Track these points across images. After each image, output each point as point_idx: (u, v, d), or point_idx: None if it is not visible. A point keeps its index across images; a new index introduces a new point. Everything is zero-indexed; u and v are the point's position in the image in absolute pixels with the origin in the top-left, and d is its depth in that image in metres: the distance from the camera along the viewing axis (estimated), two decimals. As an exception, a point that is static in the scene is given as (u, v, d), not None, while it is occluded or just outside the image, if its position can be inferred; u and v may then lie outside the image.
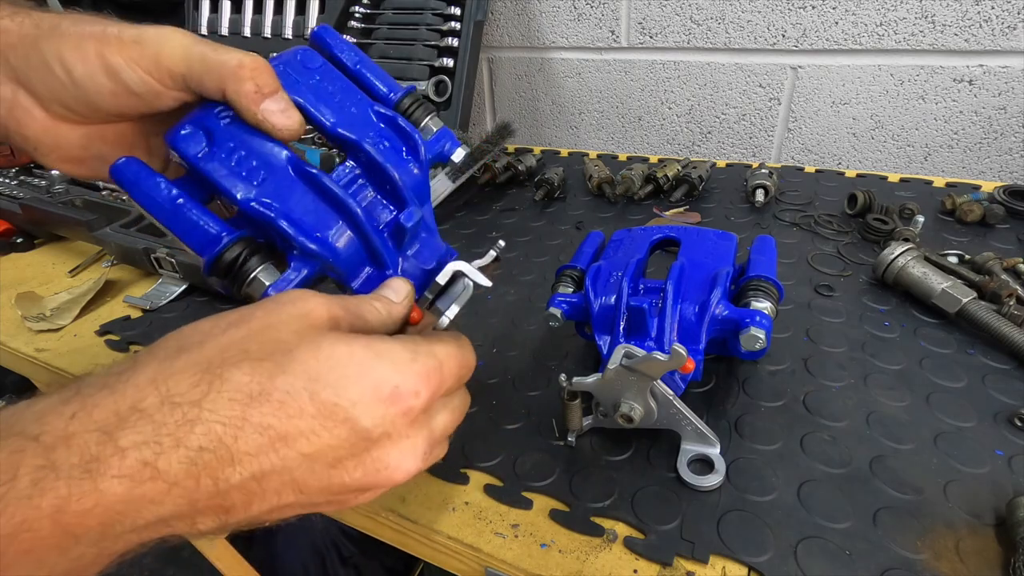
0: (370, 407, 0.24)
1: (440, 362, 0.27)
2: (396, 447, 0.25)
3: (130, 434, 0.21)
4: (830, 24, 0.82)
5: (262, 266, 0.29)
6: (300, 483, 0.24)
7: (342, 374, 0.24)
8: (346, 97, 0.32)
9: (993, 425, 0.42)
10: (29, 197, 0.83)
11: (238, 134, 0.30)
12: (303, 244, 0.29)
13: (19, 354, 0.63)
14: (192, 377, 0.22)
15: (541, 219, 0.80)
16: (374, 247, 0.31)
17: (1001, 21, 0.73)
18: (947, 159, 0.85)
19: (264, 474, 0.22)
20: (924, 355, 0.49)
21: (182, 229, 0.29)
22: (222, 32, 1.17)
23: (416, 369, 0.25)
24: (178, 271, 0.67)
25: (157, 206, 0.29)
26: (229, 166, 0.29)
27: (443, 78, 0.95)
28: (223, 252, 0.29)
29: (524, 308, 0.61)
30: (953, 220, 0.70)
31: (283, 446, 0.23)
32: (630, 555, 0.36)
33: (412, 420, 0.25)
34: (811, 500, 0.38)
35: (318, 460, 0.23)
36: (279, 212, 0.29)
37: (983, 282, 0.54)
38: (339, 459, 0.24)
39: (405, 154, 0.32)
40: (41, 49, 0.29)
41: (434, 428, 0.27)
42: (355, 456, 0.24)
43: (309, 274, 0.30)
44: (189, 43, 0.30)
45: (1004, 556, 0.34)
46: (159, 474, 0.20)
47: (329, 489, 0.24)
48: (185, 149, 0.29)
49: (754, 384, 0.48)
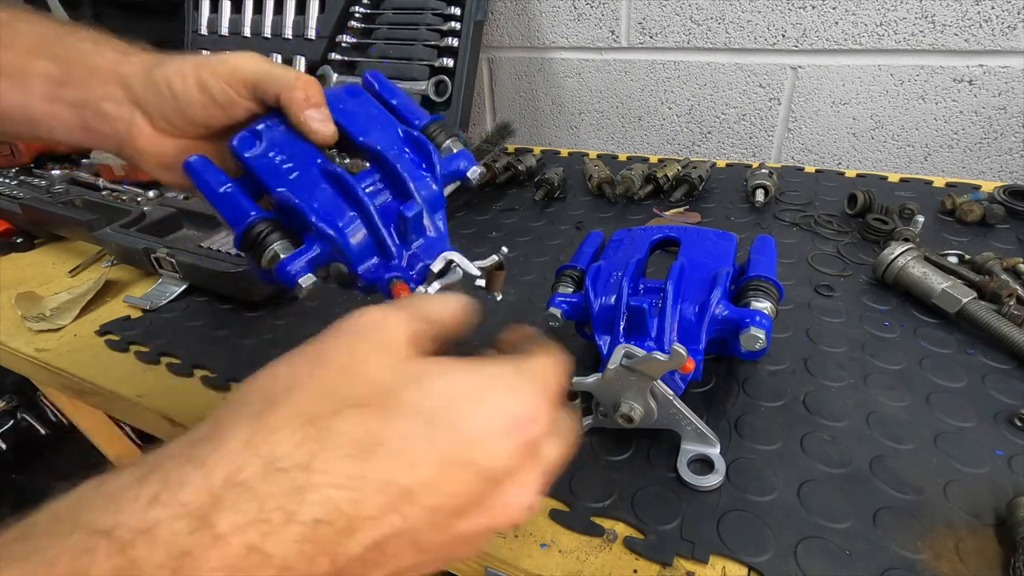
0: (493, 443, 0.21)
1: (544, 378, 0.24)
2: (516, 484, 0.23)
3: (229, 515, 0.17)
4: (830, 24, 0.82)
5: (280, 242, 0.34)
6: (422, 542, 0.21)
7: (457, 410, 0.21)
8: (378, 119, 0.39)
9: (993, 425, 0.42)
10: (29, 197, 0.83)
11: (281, 140, 0.37)
12: (321, 229, 0.34)
13: (19, 354, 0.63)
14: (294, 434, 0.19)
15: (541, 219, 0.80)
16: (382, 240, 0.35)
17: (1001, 21, 0.73)
18: (947, 159, 0.85)
19: (387, 539, 0.19)
20: (924, 355, 0.49)
21: (226, 210, 0.36)
22: (222, 32, 1.17)
23: (528, 390, 0.23)
24: (178, 271, 0.67)
25: (211, 191, 0.36)
26: (271, 164, 0.36)
27: (443, 78, 0.95)
28: (250, 227, 0.34)
29: (524, 308, 0.61)
30: (953, 220, 0.70)
31: (406, 503, 0.20)
32: (630, 555, 0.36)
33: (531, 451, 0.23)
34: (811, 500, 0.38)
35: (441, 511, 0.21)
36: (303, 200, 0.34)
37: (983, 282, 0.54)
38: (463, 507, 0.21)
39: (424, 168, 0.37)
40: (153, 75, 0.36)
41: (545, 458, 0.24)
42: (479, 502, 0.22)
43: (321, 253, 0.34)
44: (259, 60, 0.37)
45: (1004, 556, 0.34)
46: (268, 560, 0.17)
47: (450, 543, 0.22)
48: (240, 149, 0.36)
49: (754, 384, 0.48)
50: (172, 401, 0.53)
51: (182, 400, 0.53)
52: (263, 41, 1.13)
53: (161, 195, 0.83)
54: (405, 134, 0.38)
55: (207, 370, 0.56)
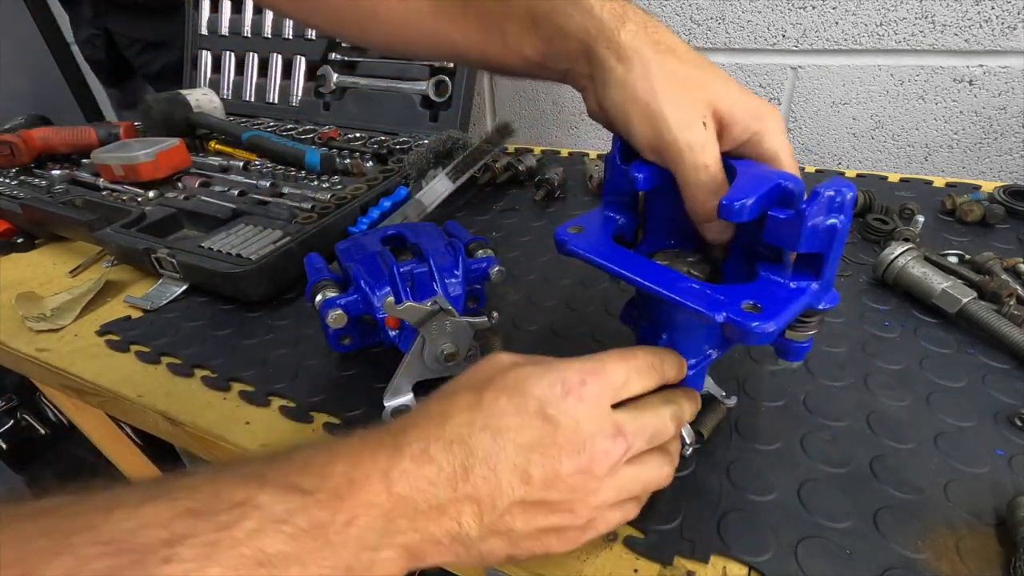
0: (547, 398, 0.30)
1: (602, 361, 0.32)
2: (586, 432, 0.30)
3: (410, 437, 0.29)
4: (830, 24, 0.82)
5: (330, 289, 0.49)
6: (524, 472, 0.29)
7: (525, 382, 0.31)
8: (434, 235, 0.55)
9: (993, 425, 0.42)
10: (29, 197, 0.83)
11: (356, 243, 0.55)
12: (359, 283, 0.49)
13: (20, 354, 0.63)
14: (436, 404, 0.31)
15: (541, 219, 0.80)
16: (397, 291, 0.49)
17: (1001, 21, 0.74)
18: (947, 159, 0.85)
19: (495, 462, 0.29)
20: (924, 355, 0.50)
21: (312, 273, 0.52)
22: (222, 32, 1.17)
23: (577, 366, 0.32)
24: (179, 271, 0.67)
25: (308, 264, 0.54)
26: (349, 253, 0.53)
27: (443, 78, 0.95)
28: (317, 282, 0.50)
29: (525, 308, 0.61)
30: (953, 220, 0.70)
31: (500, 438, 0.29)
32: (630, 555, 0.36)
33: (589, 405, 0.31)
34: (811, 500, 0.38)
35: (530, 449, 0.29)
36: (357, 269, 0.50)
37: (983, 282, 0.54)
38: (545, 447, 0.29)
39: (455, 267, 0.51)
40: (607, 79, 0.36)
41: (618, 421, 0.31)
42: (557, 445, 0.29)
43: (354, 299, 0.48)
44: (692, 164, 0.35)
45: (1004, 556, 0.34)
46: (431, 458, 0.28)
47: (552, 480, 0.29)
48: (337, 250, 0.54)
49: (754, 384, 0.48)
50: (172, 401, 0.53)
51: (182, 400, 0.53)
52: (263, 41, 1.13)
53: (161, 195, 0.83)
54: (446, 243, 0.53)
55: (208, 370, 0.56)
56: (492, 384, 0.31)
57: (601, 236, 0.38)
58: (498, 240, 0.76)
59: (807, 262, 0.33)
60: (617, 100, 0.35)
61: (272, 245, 0.66)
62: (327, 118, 1.07)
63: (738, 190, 0.31)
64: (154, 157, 0.85)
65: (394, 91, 1.00)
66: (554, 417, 0.30)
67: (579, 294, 0.62)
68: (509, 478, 0.29)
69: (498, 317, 0.47)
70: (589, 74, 0.37)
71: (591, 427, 0.30)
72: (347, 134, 1.00)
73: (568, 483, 0.30)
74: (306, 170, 0.86)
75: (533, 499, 0.29)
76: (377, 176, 0.80)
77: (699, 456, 0.42)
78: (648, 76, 0.34)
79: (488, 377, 0.32)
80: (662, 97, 0.33)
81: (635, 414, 0.32)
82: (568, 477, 0.29)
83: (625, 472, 0.32)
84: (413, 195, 0.76)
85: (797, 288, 0.33)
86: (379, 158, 0.89)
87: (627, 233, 0.41)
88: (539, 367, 0.32)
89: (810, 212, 0.30)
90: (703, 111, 0.34)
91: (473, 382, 0.32)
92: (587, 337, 0.56)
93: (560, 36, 0.37)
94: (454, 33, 0.42)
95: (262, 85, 1.15)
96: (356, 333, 0.54)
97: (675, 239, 0.42)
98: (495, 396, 0.30)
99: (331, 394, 0.52)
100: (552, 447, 0.29)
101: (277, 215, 0.74)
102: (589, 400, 0.31)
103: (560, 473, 0.29)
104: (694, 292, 0.32)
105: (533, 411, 0.30)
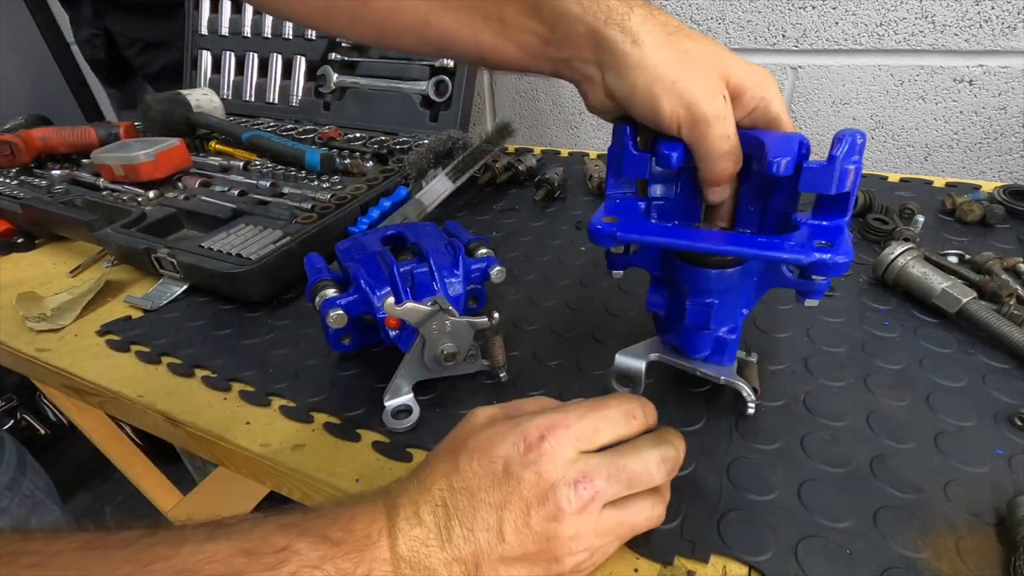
0: (511, 457, 0.32)
1: (566, 414, 0.34)
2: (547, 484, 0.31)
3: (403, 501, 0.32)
4: (830, 24, 0.82)
5: (330, 289, 0.50)
6: (498, 530, 0.31)
7: (491, 443, 0.33)
8: (434, 235, 0.56)
9: (993, 425, 0.42)
10: (29, 197, 0.83)
11: (356, 243, 0.55)
12: (359, 283, 0.49)
13: (20, 354, 0.63)
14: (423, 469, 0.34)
15: (541, 219, 0.80)
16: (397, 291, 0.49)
17: (1001, 21, 0.74)
18: (947, 159, 0.85)
19: (472, 523, 0.31)
20: (924, 355, 0.50)
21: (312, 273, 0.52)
22: (222, 32, 1.17)
23: (537, 422, 0.33)
24: (179, 271, 0.67)
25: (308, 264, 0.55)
26: (349, 253, 0.54)
27: (443, 78, 0.95)
28: (317, 282, 0.51)
29: (525, 307, 0.61)
30: (953, 220, 0.70)
31: (474, 499, 0.31)
32: (630, 554, 0.36)
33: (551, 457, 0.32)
34: (811, 499, 0.38)
35: (500, 507, 0.31)
36: (357, 269, 0.50)
37: (983, 282, 0.54)
38: (512, 503, 0.31)
39: (455, 267, 0.52)
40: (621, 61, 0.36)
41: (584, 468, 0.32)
42: (523, 499, 0.31)
43: (354, 299, 0.49)
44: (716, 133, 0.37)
45: (1004, 555, 0.34)
46: (420, 520, 0.31)
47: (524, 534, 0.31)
48: (338, 250, 0.55)
49: (754, 384, 0.48)
50: (172, 401, 0.53)
51: (183, 400, 0.53)
52: (263, 41, 1.13)
53: (161, 195, 0.83)
54: (447, 243, 0.54)
55: (208, 370, 0.56)
56: (465, 447, 0.33)
57: (640, 220, 0.39)
58: (498, 240, 0.76)
59: (835, 203, 0.37)
60: (640, 82, 0.36)
61: (272, 245, 0.66)
62: (327, 118, 1.07)
63: (774, 150, 0.34)
64: (154, 157, 0.85)
65: (394, 91, 1.00)
66: (517, 474, 0.31)
67: (579, 294, 0.62)
68: (486, 536, 0.30)
69: (498, 317, 0.48)
70: (596, 60, 0.37)
71: (553, 477, 0.31)
72: (347, 134, 1.00)
73: (540, 533, 0.31)
74: (306, 170, 0.86)
75: (513, 555, 0.31)
76: (377, 176, 0.80)
77: (699, 456, 0.42)
78: (669, 56, 0.35)
79: (463, 440, 0.34)
80: (687, 74, 0.35)
81: (610, 459, 0.33)
82: (538, 527, 0.31)
83: (606, 515, 0.32)
84: (413, 195, 0.76)
85: (836, 224, 0.36)
86: (379, 158, 0.89)
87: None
88: (505, 425, 0.34)
89: (841, 157, 0.34)
90: (721, 84, 0.36)
91: (451, 446, 0.34)
92: (587, 337, 0.56)
93: (565, 21, 0.37)
94: (447, 21, 0.41)
95: (262, 85, 1.15)
96: (356, 333, 0.54)
97: (678, 219, 0.44)
98: (468, 460, 0.32)
99: (331, 394, 0.52)
100: (518, 502, 0.31)
101: (277, 215, 0.74)
102: (549, 453, 0.32)
103: (531, 525, 0.31)
104: (775, 244, 0.34)
105: (500, 471, 0.32)
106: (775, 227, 0.41)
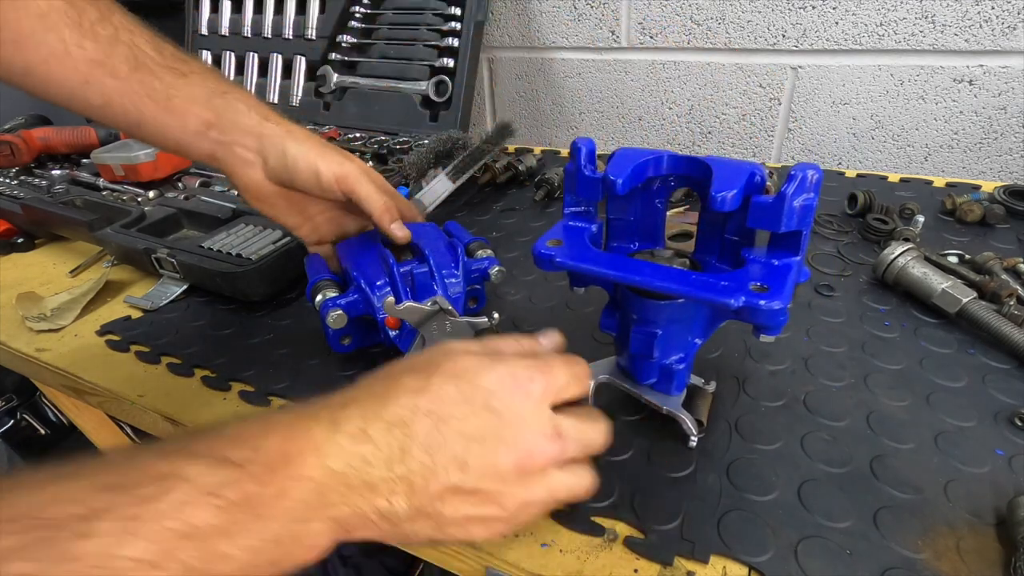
0: (494, 392, 0.31)
1: (548, 363, 0.33)
2: (528, 429, 0.31)
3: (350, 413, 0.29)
4: (830, 24, 0.82)
5: (330, 289, 0.51)
6: (462, 461, 0.29)
7: (474, 373, 0.32)
8: (434, 235, 0.55)
9: (993, 425, 0.42)
10: (30, 197, 0.83)
11: (356, 243, 0.55)
12: (359, 283, 0.50)
13: (20, 354, 0.63)
14: (381, 383, 0.32)
15: (541, 219, 0.80)
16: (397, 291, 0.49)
17: (1001, 21, 0.74)
18: (947, 159, 0.85)
19: (435, 448, 0.29)
20: (924, 355, 0.50)
21: (312, 273, 0.53)
22: (222, 32, 1.17)
23: (526, 363, 0.33)
24: (179, 271, 0.67)
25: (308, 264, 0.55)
26: (349, 253, 0.53)
27: (443, 78, 0.96)
28: (317, 282, 0.51)
29: (525, 308, 0.61)
30: (953, 220, 0.70)
31: (444, 425, 0.30)
32: (630, 555, 0.36)
33: (534, 403, 0.32)
34: (811, 499, 0.38)
35: (472, 439, 0.30)
36: (357, 269, 0.51)
37: (983, 282, 0.54)
38: (486, 438, 0.30)
39: (455, 267, 0.52)
40: (285, 148, 0.50)
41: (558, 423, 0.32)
42: (499, 437, 0.30)
43: (355, 299, 0.49)
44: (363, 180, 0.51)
45: (1005, 555, 0.34)
46: (369, 438, 0.28)
47: (488, 472, 0.30)
48: (339, 249, 0.55)
49: (754, 384, 0.48)
50: (172, 401, 0.53)
51: (183, 400, 0.53)
52: (263, 41, 1.13)
53: (161, 195, 0.83)
54: (447, 243, 0.54)
55: (208, 370, 0.56)
56: (440, 369, 0.32)
57: (583, 246, 0.39)
58: (498, 240, 0.76)
59: (786, 240, 0.35)
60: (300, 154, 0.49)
61: (272, 245, 0.66)
62: (327, 118, 1.07)
63: (720, 183, 0.34)
64: (154, 157, 0.85)
65: (394, 91, 1.00)
66: (500, 411, 0.31)
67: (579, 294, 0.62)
68: (446, 464, 0.29)
69: (498, 317, 0.48)
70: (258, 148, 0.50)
71: (533, 425, 0.31)
72: (347, 134, 1.00)
73: (502, 475, 0.30)
74: (306, 170, 0.86)
75: (467, 487, 0.30)
76: (377, 176, 0.80)
77: (699, 456, 0.42)
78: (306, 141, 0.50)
79: (437, 362, 0.32)
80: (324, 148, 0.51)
81: (576, 421, 0.33)
82: (503, 470, 0.30)
83: (555, 475, 0.32)
84: (413, 195, 0.76)
85: (784, 264, 0.35)
86: (379, 158, 0.89)
87: (596, 241, 0.41)
88: (490, 359, 0.33)
89: (790, 195, 0.33)
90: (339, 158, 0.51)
91: (421, 364, 0.33)
92: (587, 337, 0.56)
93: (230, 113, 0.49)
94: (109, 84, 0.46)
95: (262, 85, 1.15)
96: (356, 333, 0.54)
97: (638, 240, 0.43)
98: (442, 382, 0.31)
99: (331, 394, 0.51)
100: (493, 439, 0.30)
101: (277, 215, 0.74)
102: (535, 397, 0.32)
103: (497, 465, 0.30)
104: (706, 284, 0.33)
105: (480, 402, 0.31)
106: (730, 260, 0.40)
